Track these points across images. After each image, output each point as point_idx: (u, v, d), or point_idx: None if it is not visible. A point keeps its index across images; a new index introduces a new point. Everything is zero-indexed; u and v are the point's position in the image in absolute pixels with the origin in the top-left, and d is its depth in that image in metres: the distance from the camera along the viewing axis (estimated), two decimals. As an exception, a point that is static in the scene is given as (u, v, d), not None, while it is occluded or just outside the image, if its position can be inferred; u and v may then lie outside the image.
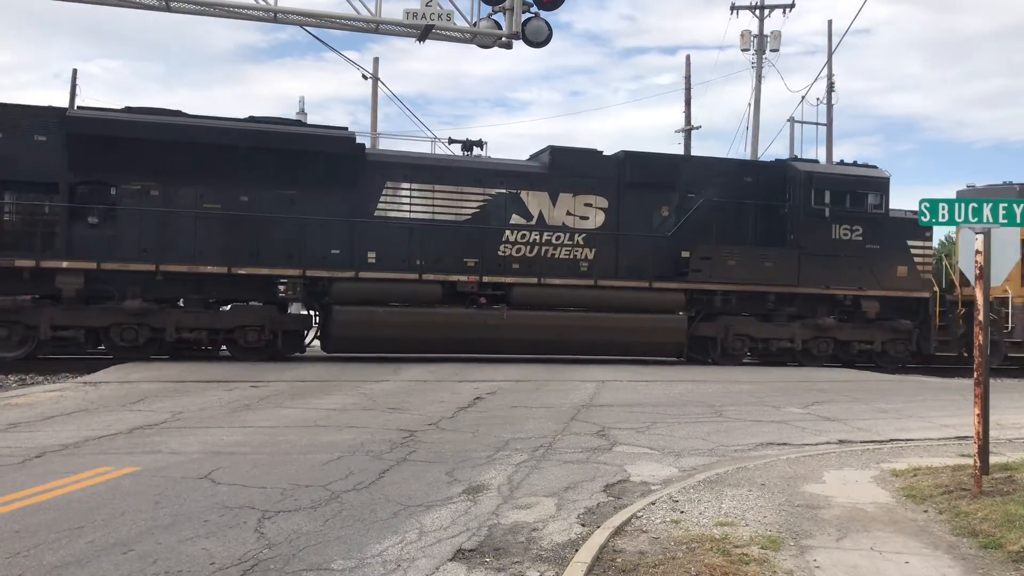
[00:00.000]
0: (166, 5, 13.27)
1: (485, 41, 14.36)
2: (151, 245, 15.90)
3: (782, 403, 13.13)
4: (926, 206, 7.18)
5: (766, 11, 32.86)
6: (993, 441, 7.77)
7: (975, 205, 7.07)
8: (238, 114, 17.71)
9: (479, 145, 19.31)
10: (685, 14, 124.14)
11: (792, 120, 34.97)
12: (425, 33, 14.01)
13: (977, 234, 6.96)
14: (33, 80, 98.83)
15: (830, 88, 33.94)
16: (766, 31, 32.90)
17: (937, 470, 7.77)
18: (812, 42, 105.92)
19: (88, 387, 12.78)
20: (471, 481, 7.23)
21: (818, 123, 34.71)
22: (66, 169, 15.61)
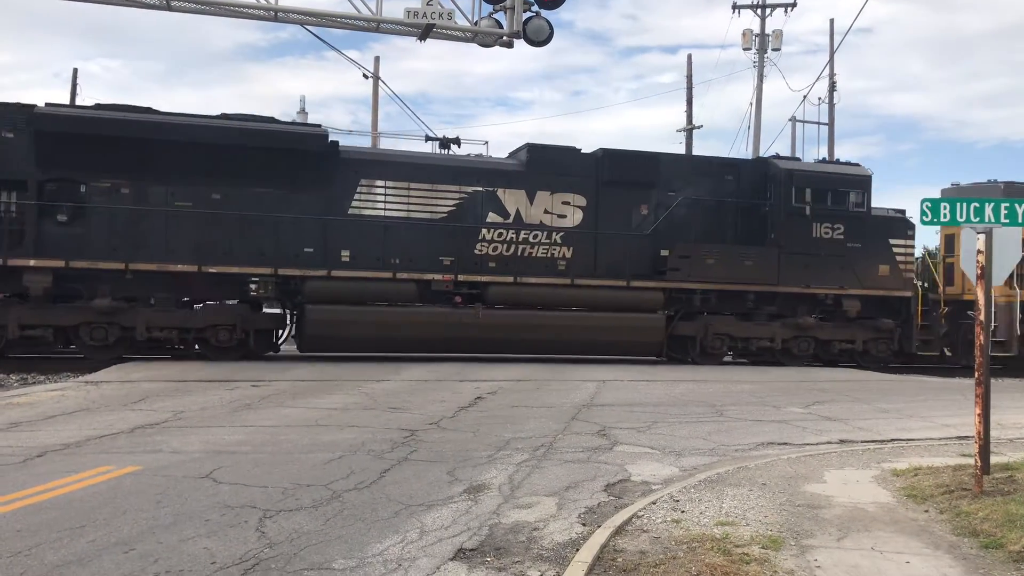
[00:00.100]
0: (166, 4, 13.26)
1: (486, 40, 14.35)
2: (121, 243, 15.72)
3: (783, 403, 13.12)
4: (927, 206, 7.19)
5: (768, 10, 32.86)
6: (994, 441, 7.78)
7: (976, 205, 7.07)
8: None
9: (456, 143, 19.21)
10: (686, 13, 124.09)
11: (794, 119, 35.07)
12: (426, 32, 14.01)
13: (979, 234, 6.96)
14: (33, 80, 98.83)
15: (832, 87, 33.99)
16: (768, 30, 32.91)
17: (938, 470, 7.77)
18: (814, 41, 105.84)
19: (89, 386, 12.80)
20: (472, 480, 7.23)
21: (820, 122, 34.80)
22: (34, 166, 15.40)
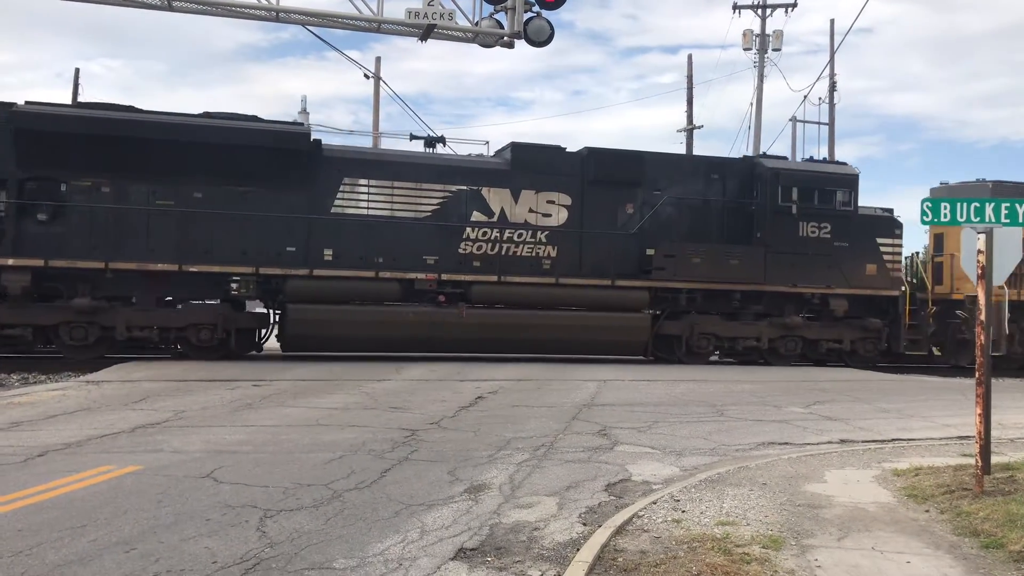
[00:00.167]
0: (168, 4, 13.27)
1: (487, 40, 14.37)
2: (101, 242, 15.59)
3: (784, 403, 13.12)
4: (928, 206, 7.21)
5: (768, 10, 32.89)
6: (995, 441, 7.79)
7: (977, 205, 7.07)
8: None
9: (441, 141, 19.18)
10: (687, 13, 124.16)
11: (794, 119, 35.08)
12: (427, 32, 14.02)
13: (979, 234, 6.96)
14: (35, 79, 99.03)
15: (832, 87, 33.99)
16: (768, 30, 32.93)
17: (939, 470, 7.77)
18: (814, 41, 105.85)
19: (90, 386, 12.80)
20: (473, 480, 7.23)
21: (820, 123, 34.79)
22: (14, 165, 15.28)
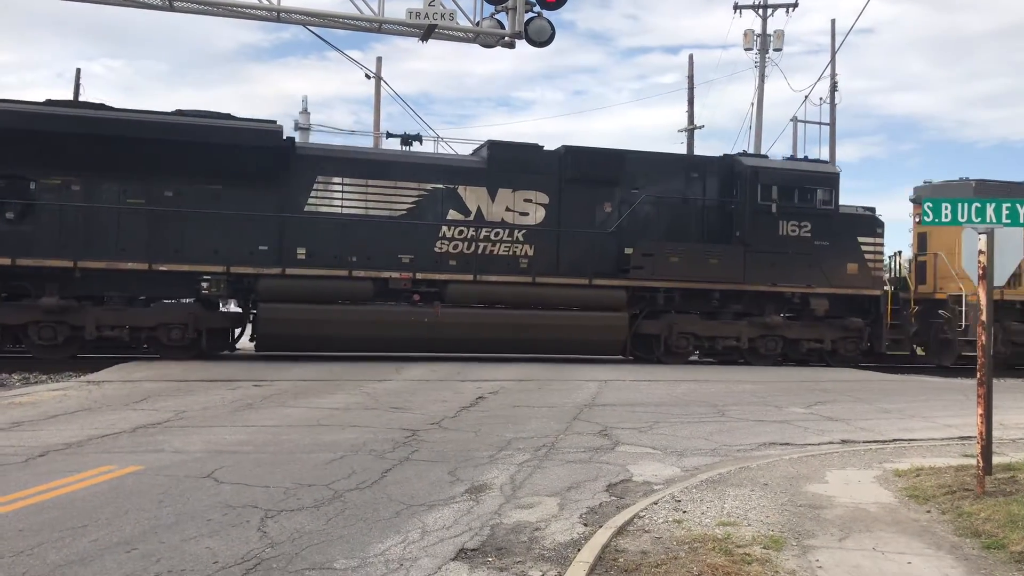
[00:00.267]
0: (169, 4, 13.27)
1: (488, 41, 14.36)
2: (71, 241, 15.52)
3: (785, 403, 13.12)
4: (929, 206, 7.21)
5: (769, 10, 32.89)
6: (996, 441, 7.77)
7: (978, 205, 7.07)
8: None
9: (418, 139, 19.14)
10: (688, 13, 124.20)
11: (795, 119, 34.95)
12: (428, 33, 14.01)
13: (980, 234, 6.96)
14: (36, 79, 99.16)
15: (833, 87, 33.94)
16: (769, 30, 32.93)
17: (940, 470, 7.77)
18: (815, 41, 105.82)
19: (91, 386, 12.81)
20: (474, 480, 7.23)
21: (821, 123, 34.68)
22: None
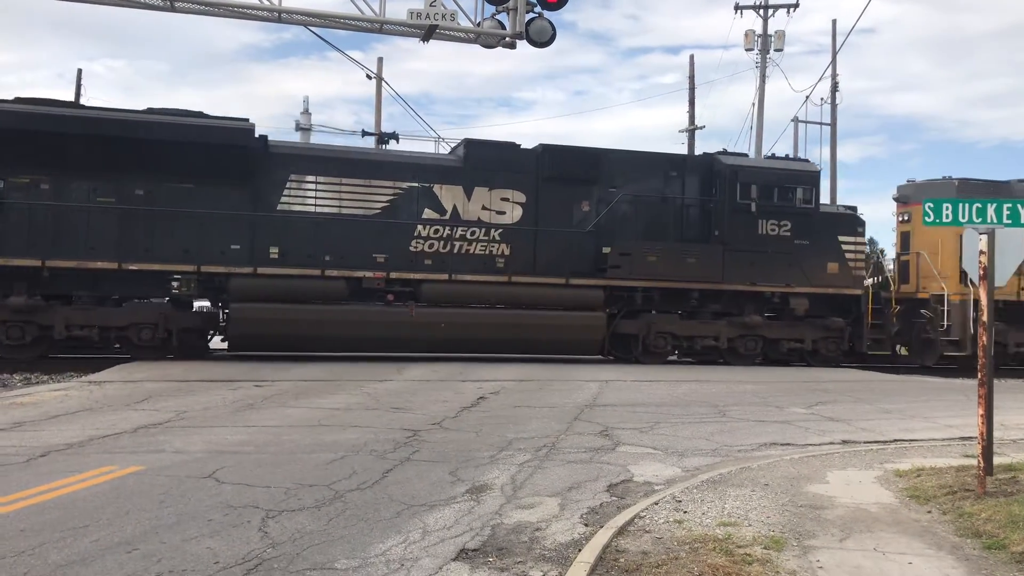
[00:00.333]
0: (170, 5, 13.28)
1: (489, 41, 14.36)
2: (40, 240, 15.38)
3: (785, 403, 13.12)
4: (930, 207, 7.22)
5: (770, 10, 32.83)
6: (997, 442, 7.77)
7: (979, 206, 7.08)
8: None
9: (394, 138, 19.06)
10: (689, 13, 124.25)
11: (796, 120, 34.99)
12: (429, 33, 14.02)
13: (981, 235, 6.96)
14: (37, 79, 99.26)
15: (834, 88, 33.90)
16: (770, 30, 32.86)
17: (941, 471, 7.77)
18: (816, 41, 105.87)
19: (92, 386, 12.81)
20: (474, 481, 7.24)
21: (822, 123, 34.69)
22: None
